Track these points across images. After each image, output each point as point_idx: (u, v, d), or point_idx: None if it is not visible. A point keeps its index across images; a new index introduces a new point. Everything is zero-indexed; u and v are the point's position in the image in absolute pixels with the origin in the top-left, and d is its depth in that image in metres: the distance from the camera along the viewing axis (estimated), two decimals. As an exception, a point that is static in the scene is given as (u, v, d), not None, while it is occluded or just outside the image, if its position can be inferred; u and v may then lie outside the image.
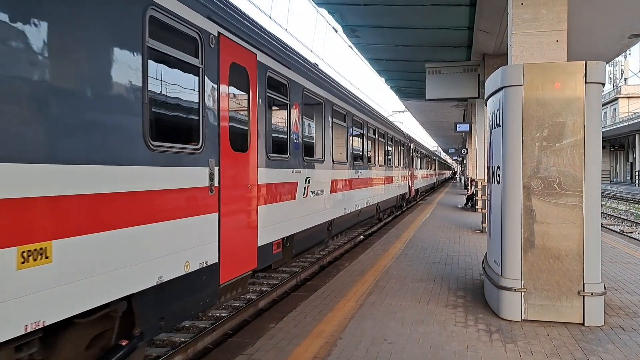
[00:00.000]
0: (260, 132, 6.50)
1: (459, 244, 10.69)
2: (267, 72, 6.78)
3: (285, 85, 7.58)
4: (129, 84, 3.97)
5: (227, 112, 5.61)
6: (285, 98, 7.56)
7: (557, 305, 5.19)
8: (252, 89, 6.31)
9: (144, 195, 4.14)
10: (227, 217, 5.49)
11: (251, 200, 6.21)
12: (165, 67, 4.69)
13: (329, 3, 12.33)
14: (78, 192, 3.43)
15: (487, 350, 4.46)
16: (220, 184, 5.35)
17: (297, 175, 7.98)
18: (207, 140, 5.10)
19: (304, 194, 8.32)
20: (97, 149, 3.63)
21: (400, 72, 20.93)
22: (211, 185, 5.17)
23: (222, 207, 5.37)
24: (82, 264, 3.46)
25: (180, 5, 4.72)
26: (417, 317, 5.45)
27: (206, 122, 5.13)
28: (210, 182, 5.14)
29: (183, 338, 5.84)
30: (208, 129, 5.16)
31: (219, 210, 5.32)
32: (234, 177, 5.73)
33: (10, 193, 2.93)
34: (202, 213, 5.01)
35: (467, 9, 12.21)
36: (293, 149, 7.84)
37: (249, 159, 6.20)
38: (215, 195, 5.26)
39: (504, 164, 5.40)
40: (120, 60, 3.87)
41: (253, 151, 6.31)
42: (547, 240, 5.21)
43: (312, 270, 9.81)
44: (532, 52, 6.71)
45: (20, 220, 2.98)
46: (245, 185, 6.07)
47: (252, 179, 6.23)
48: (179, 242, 4.60)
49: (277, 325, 5.21)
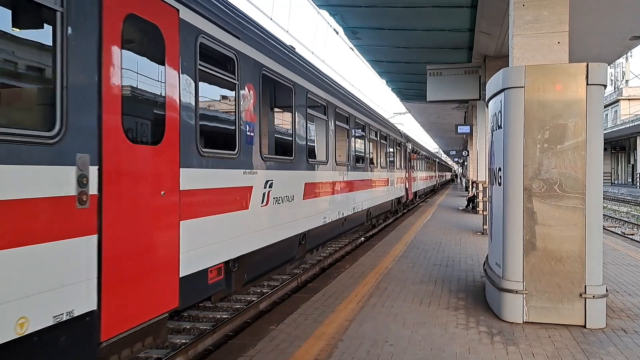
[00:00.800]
0: (185, 119, 4.92)
1: (460, 246, 10.67)
2: (199, 38, 5.23)
3: (233, 60, 5.98)
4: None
5: (118, 85, 4.01)
6: (232, 77, 5.96)
7: (558, 307, 5.18)
8: (169, 57, 4.71)
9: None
10: (115, 240, 3.92)
11: (167, 214, 4.58)
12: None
13: (330, 5, 12.33)
14: None
15: (488, 353, 4.45)
16: (103, 192, 3.79)
17: (251, 178, 6.35)
18: (72, 125, 3.52)
19: (263, 201, 6.72)
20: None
21: (401, 74, 20.93)
22: (81, 194, 3.59)
23: (105, 225, 3.80)
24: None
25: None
26: (419, 319, 5.44)
27: (69, 97, 3.51)
28: (79, 189, 3.58)
29: (184, 340, 5.83)
30: (74, 106, 3.56)
31: (99, 231, 3.75)
32: (131, 181, 4.17)
33: None
34: (60, 237, 3.40)
35: (468, 11, 12.21)
36: (244, 144, 6.17)
37: (164, 155, 4.59)
38: (92, 208, 3.69)
39: (505, 165, 5.39)
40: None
41: (171, 144, 4.70)
42: (549, 242, 5.20)
43: (313, 272, 9.79)
44: (533, 53, 6.70)
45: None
46: (156, 192, 4.44)
47: (168, 184, 4.62)
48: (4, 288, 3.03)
49: (277, 327, 5.20)
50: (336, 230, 10.99)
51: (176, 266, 4.73)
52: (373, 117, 15.10)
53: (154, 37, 4.60)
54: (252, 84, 6.43)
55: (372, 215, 15.01)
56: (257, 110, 6.56)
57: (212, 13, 5.53)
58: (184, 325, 6.33)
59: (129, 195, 4.13)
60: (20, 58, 3.65)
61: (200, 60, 5.23)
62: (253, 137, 6.43)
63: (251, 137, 6.38)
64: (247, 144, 6.28)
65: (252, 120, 6.42)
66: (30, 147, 3.22)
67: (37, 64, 3.70)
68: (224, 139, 6.14)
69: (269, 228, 6.96)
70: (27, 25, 3.60)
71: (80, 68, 3.63)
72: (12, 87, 3.62)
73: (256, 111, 6.54)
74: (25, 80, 3.73)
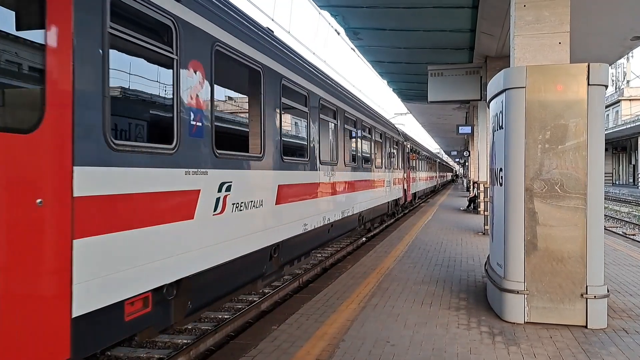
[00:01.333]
0: (83, 97, 3.63)
1: (461, 247, 10.67)
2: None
3: (168, 26, 4.74)
4: None
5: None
6: (167, 49, 4.70)
7: (560, 307, 5.18)
8: (52, 9, 3.39)
9: None
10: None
11: (46, 231, 3.33)
12: None
13: (331, 5, 12.35)
14: None
15: (489, 353, 4.45)
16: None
17: (197, 180, 5.07)
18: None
19: (217, 208, 5.46)
20: None
21: (402, 75, 20.95)
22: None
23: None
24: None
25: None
26: (420, 319, 5.44)
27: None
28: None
29: (185, 340, 5.84)
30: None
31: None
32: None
33: None
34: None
35: (469, 12, 12.22)
36: (187, 137, 4.91)
37: (43, 148, 3.32)
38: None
39: (507, 166, 5.39)
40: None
41: (56, 132, 3.41)
42: (550, 242, 5.20)
43: (315, 272, 9.80)
44: (534, 54, 6.71)
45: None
46: (26, 200, 3.19)
47: (50, 188, 3.35)
48: None
49: (279, 328, 5.21)
50: (321, 238, 9.73)
51: (65, 303, 3.46)
52: (366, 112, 13.94)
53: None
54: (199, 62, 5.17)
55: (366, 219, 13.94)
56: (207, 94, 5.31)
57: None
58: (185, 325, 6.34)
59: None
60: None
61: (111, 20, 3.95)
62: (201, 128, 5.15)
63: (198, 128, 5.10)
64: (192, 137, 4.99)
65: (201, 106, 5.16)
66: None
67: None
68: (155, 129, 4.99)
69: (226, 241, 5.69)
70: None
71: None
72: None
73: (206, 96, 5.29)
74: None
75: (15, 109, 3.53)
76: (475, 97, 17.05)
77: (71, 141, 3.53)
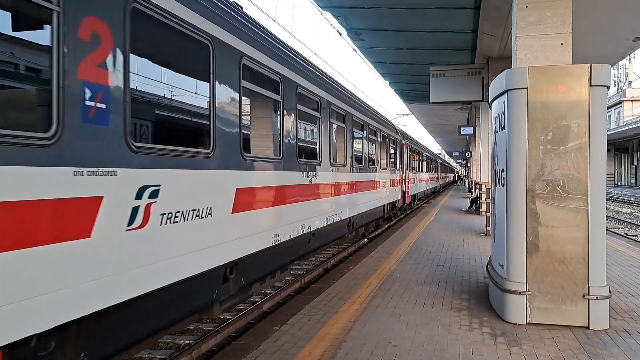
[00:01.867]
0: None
1: (463, 247, 10.67)
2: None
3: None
4: None
5: None
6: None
7: (562, 308, 5.18)
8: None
9: None
10: None
11: None
12: None
13: (333, 6, 12.37)
14: None
15: (491, 354, 4.45)
16: None
17: (98, 182, 3.62)
18: None
19: (133, 221, 3.98)
20: None
21: (404, 75, 20.97)
22: None
23: None
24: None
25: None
26: (422, 320, 5.44)
27: None
28: None
29: (187, 340, 5.85)
30: None
31: None
32: None
33: None
34: None
35: (471, 12, 12.23)
36: (78, 122, 3.47)
37: None
38: None
39: (509, 167, 5.39)
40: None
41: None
42: (552, 243, 5.20)
43: (317, 273, 9.81)
44: (536, 55, 6.72)
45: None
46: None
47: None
48: None
49: (281, 328, 5.22)
50: (299, 250, 8.18)
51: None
52: (357, 106, 12.38)
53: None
54: (102, 19, 3.70)
55: (357, 224, 12.42)
56: (117, 63, 3.85)
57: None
58: (187, 326, 6.35)
59: None
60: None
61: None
62: (106, 111, 3.73)
63: (101, 111, 3.67)
64: (88, 122, 3.56)
65: (104, 80, 3.71)
66: None
67: None
68: (12, 108, 3.73)
69: (147, 265, 4.16)
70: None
71: None
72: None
73: (115, 65, 3.83)
74: None
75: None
76: (477, 98, 17.06)
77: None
